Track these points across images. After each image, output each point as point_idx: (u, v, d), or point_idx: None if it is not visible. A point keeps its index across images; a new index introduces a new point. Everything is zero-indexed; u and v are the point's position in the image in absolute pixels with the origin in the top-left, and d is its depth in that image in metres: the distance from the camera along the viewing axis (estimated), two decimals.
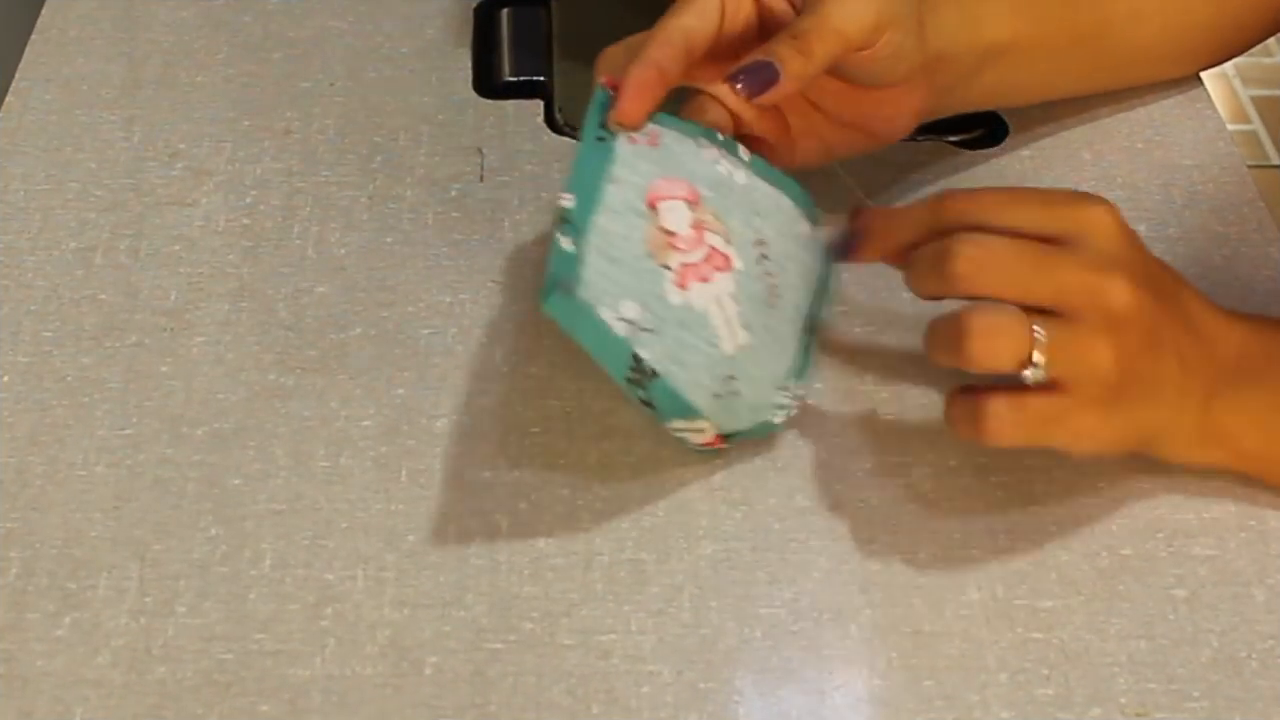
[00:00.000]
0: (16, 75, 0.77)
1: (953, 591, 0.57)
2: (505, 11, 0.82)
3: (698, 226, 0.59)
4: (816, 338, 0.61)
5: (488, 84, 0.78)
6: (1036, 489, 0.60)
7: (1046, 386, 0.53)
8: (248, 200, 0.71)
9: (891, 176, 0.72)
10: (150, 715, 0.53)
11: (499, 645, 0.55)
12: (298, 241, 0.69)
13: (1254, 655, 0.55)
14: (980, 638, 0.56)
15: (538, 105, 0.76)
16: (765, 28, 0.62)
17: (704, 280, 0.58)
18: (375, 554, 0.57)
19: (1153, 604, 0.57)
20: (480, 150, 0.74)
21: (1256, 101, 2.13)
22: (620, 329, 0.56)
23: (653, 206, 0.59)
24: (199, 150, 0.73)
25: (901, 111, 0.64)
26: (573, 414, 0.62)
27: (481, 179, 0.72)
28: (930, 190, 0.72)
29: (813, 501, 0.60)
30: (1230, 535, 0.59)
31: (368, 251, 0.69)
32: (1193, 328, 0.56)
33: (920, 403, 0.63)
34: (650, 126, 0.60)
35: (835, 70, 0.60)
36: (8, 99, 0.75)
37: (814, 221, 0.63)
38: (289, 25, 0.81)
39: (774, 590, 0.57)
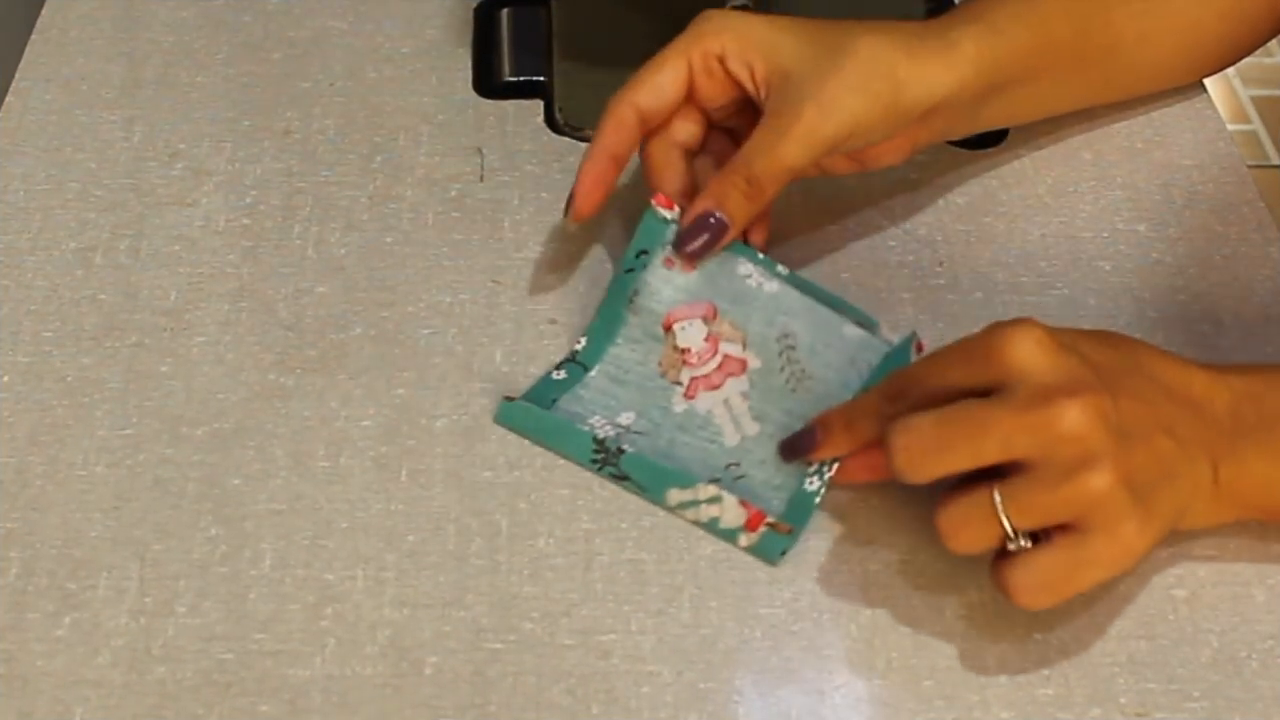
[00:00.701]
0: (16, 75, 0.77)
1: (953, 591, 0.57)
2: (505, 11, 0.82)
3: (712, 339, 0.61)
4: None
5: (488, 84, 0.78)
6: None
7: (1063, 528, 0.51)
8: (248, 200, 0.71)
9: (892, 178, 0.72)
10: (150, 715, 0.53)
11: (499, 645, 0.55)
12: (298, 241, 0.69)
13: (1254, 655, 0.55)
14: (980, 638, 0.55)
15: (538, 105, 0.76)
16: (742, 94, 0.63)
17: (714, 388, 0.61)
18: (375, 554, 0.57)
19: (1153, 604, 0.57)
20: (480, 150, 0.74)
21: (1256, 101, 2.13)
22: (604, 431, 0.60)
23: (668, 329, 0.61)
24: (199, 150, 0.73)
25: (892, 152, 0.65)
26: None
27: (481, 179, 0.72)
28: (930, 190, 0.72)
29: None
30: (1230, 535, 0.59)
31: (368, 251, 0.69)
32: (1174, 397, 0.53)
33: None
34: None
35: None
36: (8, 99, 0.75)
37: (870, 326, 0.63)
38: (289, 25, 0.81)
39: (774, 590, 0.57)
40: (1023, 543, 0.51)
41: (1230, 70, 2.19)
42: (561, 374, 0.62)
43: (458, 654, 0.54)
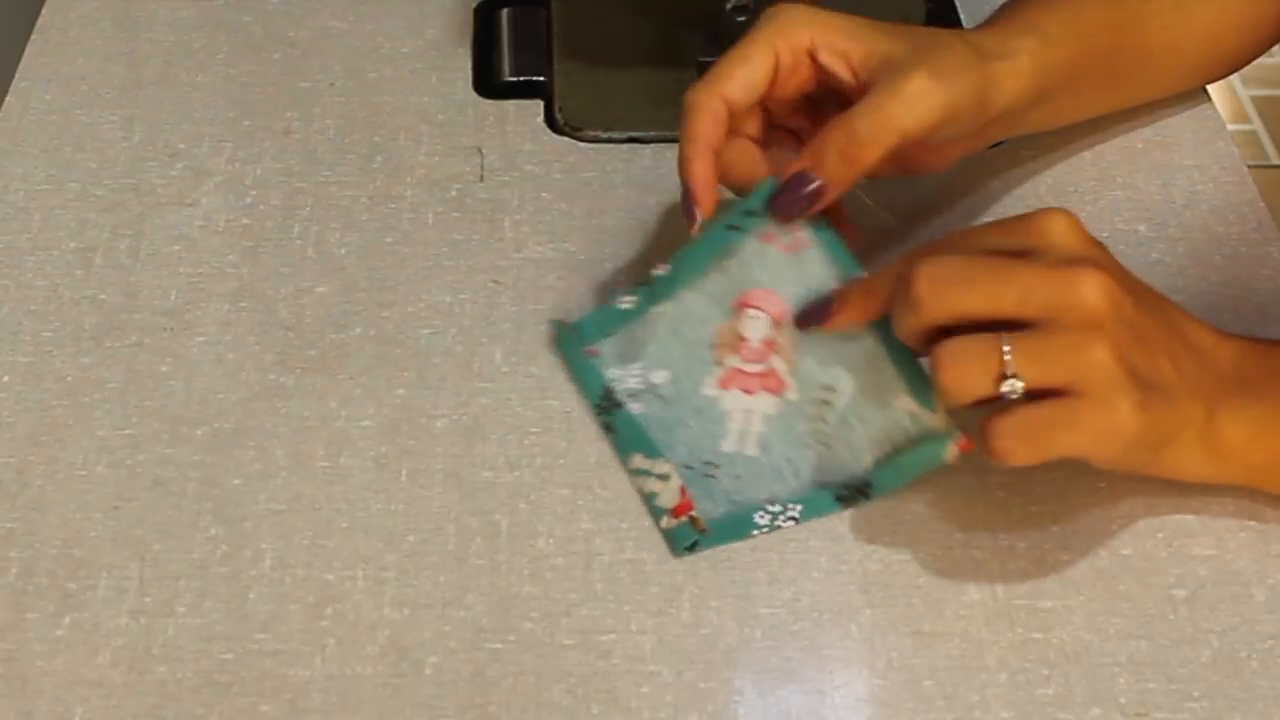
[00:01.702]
0: (16, 75, 0.77)
1: (953, 591, 0.57)
2: (505, 11, 0.82)
3: (769, 344, 0.60)
4: (863, 499, 0.59)
5: (488, 84, 0.78)
6: (1036, 489, 0.60)
7: (1051, 393, 0.51)
8: (248, 200, 0.71)
9: (892, 178, 0.72)
10: (150, 715, 0.53)
11: (499, 645, 0.55)
12: (298, 241, 0.69)
13: (1254, 655, 0.55)
14: (980, 638, 0.56)
15: (538, 105, 0.76)
16: (823, 88, 0.61)
17: (746, 391, 0.60)
18: (375, 554, 0.57)
19: (1153, 604, 0.57)
20: (480, 150, 0.74)
21: (1256, 101, 2.13)
22: (634, 383, 0.61)
23: (739, 308, 0.61)
24: (199, 150, 0.73)
25: (946, 157, 0.64)
26: (573, 414, 0.62)
27: (481, 179, 0.72)
28: (930, 190, 0.72)
29: None
30: (1230, 535, 0.59)
31: (368, 251, 0.69)
32: (1182, 336, 0.55)
33: None
34: (800, 234, 0.60)
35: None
36: (8, 99, 0.75)
37: (929, 407, 0.57)
38: (289, 25, 0.81)
39: (774, 590, 0.57)
40: (1018, 385, 0.51)
41: None
42: (629, 301, 0.62)
43: (458, 654, 0.54)
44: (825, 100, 0.62)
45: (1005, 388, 0.51)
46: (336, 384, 0.63)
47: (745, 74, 0.60)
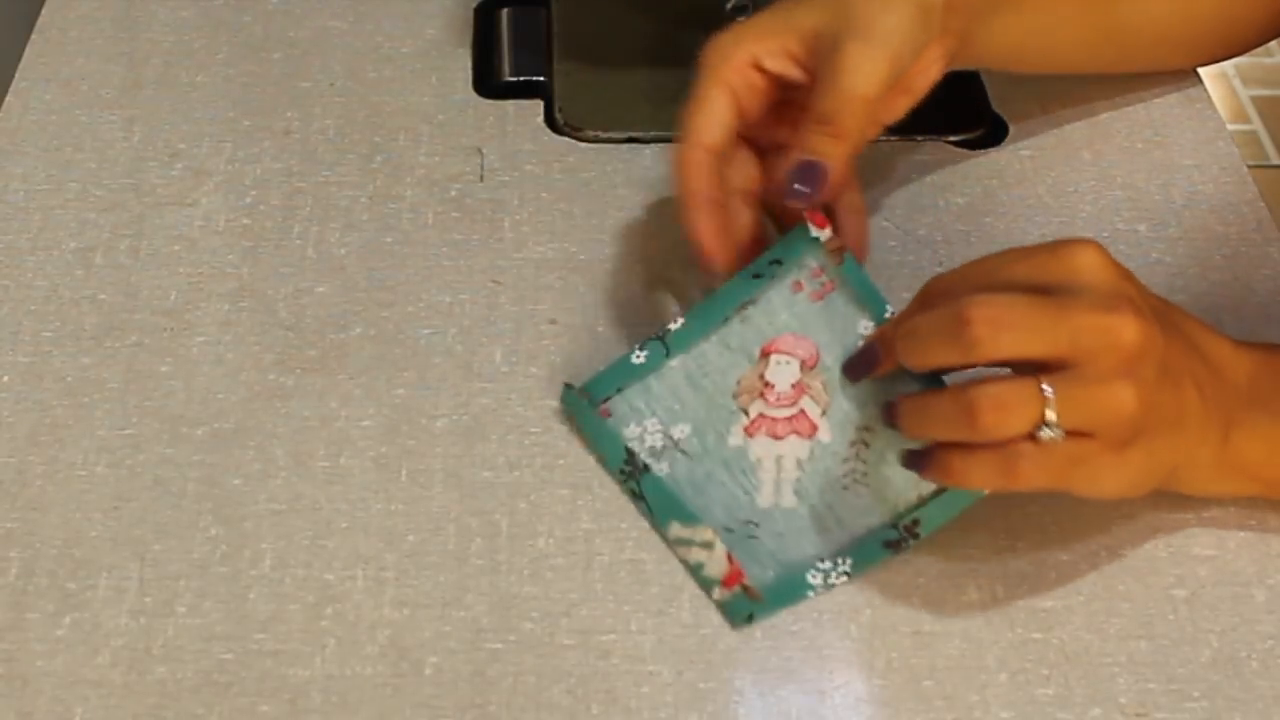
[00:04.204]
0: (16, 75, 0.77)
1: (953, 591, 0.57)
2: (505, 11, 0.82)
3: (799, 387, 0.59)
4: (912, 540, 0.57)
5: (488, 84, 0.78)
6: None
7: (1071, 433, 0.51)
8: (248, 200, 0.71)
9: (892, 178, 0.72)
10: (150, 715, 0.53)
11: (499, 645, 0.55)
12: (298, 241, 0.69)
13: (1254, 655, 0.55)
14: (980, 638, 0.56)
15: (538, 105, 0.76)
16: (785, 95, 0.62)
17: (775, 437, 0.59)
18: (375, 554, 0.57)
19: (1153, 604, 0.57)
20: (480, 150, 0.74)
21: (1256, 101, 2.13)
22: (654, 439, 0.59)
23: (765, 355, 0.60)
24: (199, 150, 0.73)
25: (933, 64, 0.63)
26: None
27: (481, 179, 0.72)
28: (930, 190, 0.72)
29: None
30: (1230, 535, 0.59)
31: (368, 251, 0.69)
32: (1203, 356, 0.55)
33: None
34: (826, 279, 0.60)
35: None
36: (8, 99, 0.75)
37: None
38: (289, 25, 0.81)
39: None
40: (1057, 435, 0.51)
41: (1230, 70, 2.20)
42: (642, 356, 0.61)
43: (458, 654, 0.54)
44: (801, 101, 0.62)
45: (1043, 434, 0.51)
46: (336, 384, 0.63)
47: (709, 116, 0.60)
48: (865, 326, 0.59)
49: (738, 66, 0.61)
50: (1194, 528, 0.59)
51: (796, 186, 0.59)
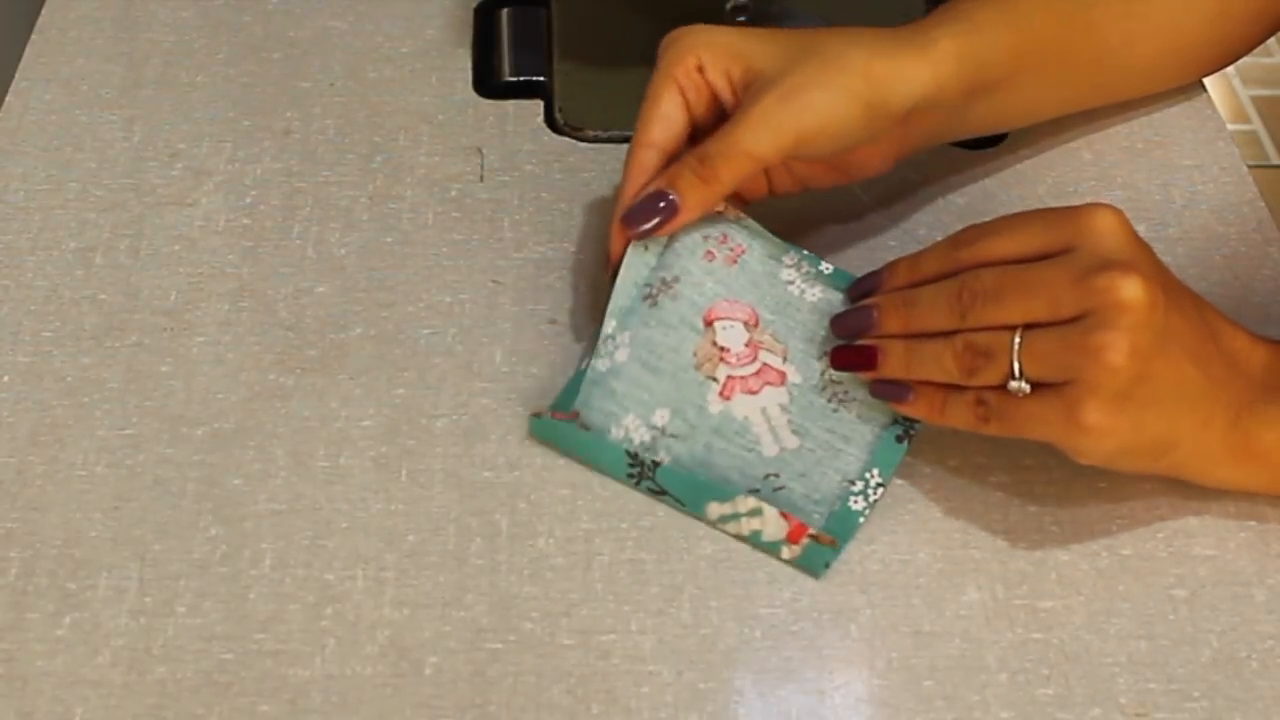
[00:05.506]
0: (16, 75, 0.77)
1: (953, 591, 0.57)
2: (505, 11, 0.82)
3: (753, 345, 0.61)
4: (914, 429, 0.60)
5: (488, 84, 0.78)
6: (1036, 489, 0.60)
7: (1056, 385, 0.53)
8: (248, 200, 0.71)
9: (892, 178, 0.72)
10: (150, 715, 0.53)
11: (499, 645, 0.55)
12: (298, 241, 0.69)
13: (1254, 655, 0.55)
14: (980, 638, 0.56)
15: (538, 105, 0.76)
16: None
17: (751, 392, 0.60)
18: (375, 554, 0.57)
19: (1153, 604, 0.57)
20: (480, 150, 0.74)
21: (1256, 101, 2.13)
22: (640, 434, 0.59)
23: (709, 324, 0.61)
24: (199, 150, 0.73)
25: (878, 158, 0.64)
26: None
27: (481, 179, 0.72)
28: (930, 190, 0.72)
29: None
30: (1230, 535, 0.59)
31: (368, 251, 0.69)
32: (1216, 340, 0.55)
33: None
34: (736, 242, 0.62)
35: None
36: (8, 99, 0.75)
37: None
38: (289, 25, 0.81)
39: (774, 590, 0.57)
40: (1024, 387, 0.53)
41: (1230, 70, 2.19)
42: (590, 363, 0.61)
43: (458, 654, 0.54)
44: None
45: (1012, 387, 0.53)
46: (336, 384, 0.63)
47: (658, 114, 0.61)
48: (789, 275, 0.62)
49: (686, 66, 0.61)
50: (1194, 528, 0.59)
51: (639, 213, 0.60)
